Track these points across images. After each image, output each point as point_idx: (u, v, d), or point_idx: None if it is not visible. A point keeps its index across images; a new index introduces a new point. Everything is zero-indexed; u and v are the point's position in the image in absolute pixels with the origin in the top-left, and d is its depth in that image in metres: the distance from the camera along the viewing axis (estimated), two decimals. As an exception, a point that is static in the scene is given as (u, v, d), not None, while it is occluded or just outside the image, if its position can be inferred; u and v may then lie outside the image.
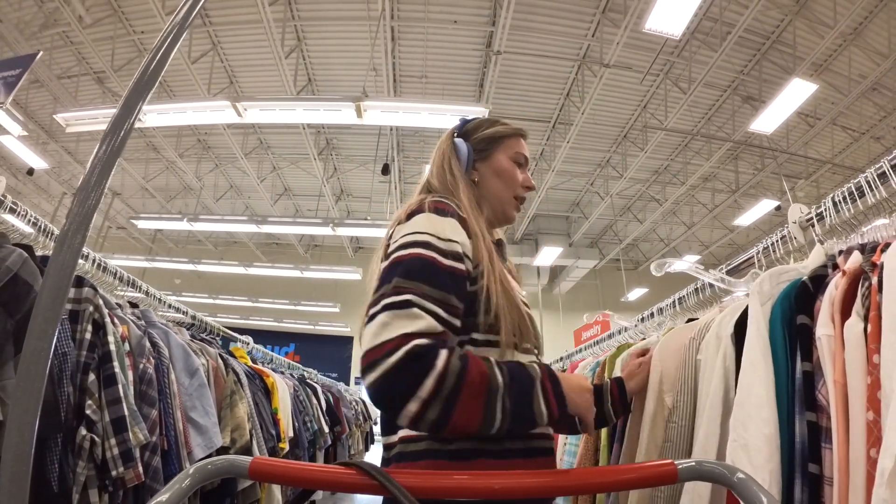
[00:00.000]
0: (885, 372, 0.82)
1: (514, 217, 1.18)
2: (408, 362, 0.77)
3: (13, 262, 1.36)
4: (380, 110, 5.27)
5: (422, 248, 0.87)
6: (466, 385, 0.78)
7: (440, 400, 0.77)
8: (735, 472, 0.72)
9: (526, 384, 0.84)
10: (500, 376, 0.81)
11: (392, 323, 0.80)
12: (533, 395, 0.84)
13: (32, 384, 0.68)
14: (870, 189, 1.17)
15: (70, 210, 0.75)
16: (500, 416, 0.81)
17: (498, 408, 0.80)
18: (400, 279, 0.84)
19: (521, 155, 1.17)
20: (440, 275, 0.86)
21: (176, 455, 1.86)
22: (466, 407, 0.79)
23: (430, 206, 0.95)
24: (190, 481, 0.71)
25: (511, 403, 0.81)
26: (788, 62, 6.98)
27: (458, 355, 0.81)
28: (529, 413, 0.84)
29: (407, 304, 0.81)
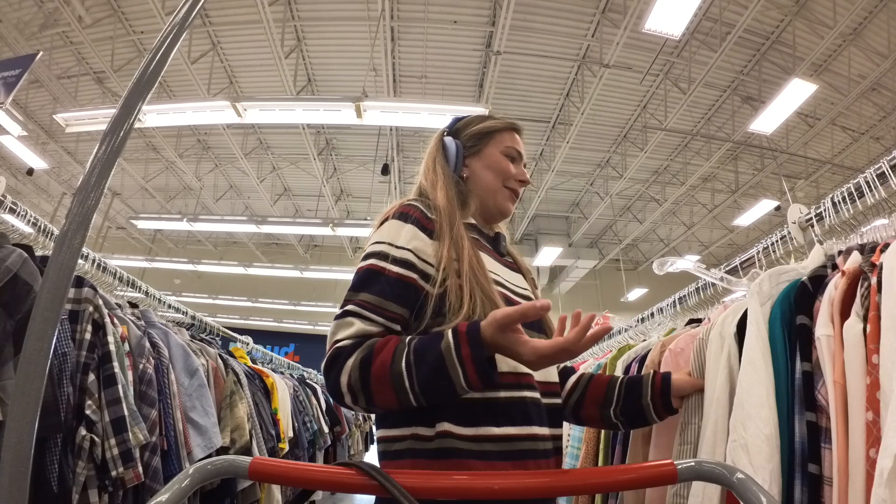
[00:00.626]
0: (884, 372, 0.82)
1: (509, 209, 1.17)
2: (328, 366, 0.88)
3: (13, 263, 1.36)
4: (379, 110, 5.27)
5: (374, 259, 0.95)
6: (372, 376, 0.84)
7: (358, 392, 0.85)
8: (734, 472, 0.73)
9: (434, 357, 0.82)
10: (403, 361, 0.83)
11: (333, 332, 0.91)
12: (446, 369, 0.82)
13: (32, 384, 0.68)
14: (869, 189, 1.17)
15: (69, 210, 0.75)
16: (413, 396, 0.84)
17: (408, 390, 0.83)
18: (349, 292, 0.94)
19: (514, 149, 1.17)
20: (382, 283, 0.92)
21: (176, 455, 1.86)
22: (379, 394, 0.85)
23: (396, 211, 1.00)
24: (189, 481, 0.71)
25: (420, 382, 0.83)
26: (788, 62, 6.98)
27: (366, 347, 0.87)
28: (447, 385, 0.82)
29: (345, 314, 0.91)
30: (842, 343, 0.92)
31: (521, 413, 0.94)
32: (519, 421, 0.93)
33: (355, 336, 0.89)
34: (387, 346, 0.86)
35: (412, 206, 1.00)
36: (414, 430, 0.91)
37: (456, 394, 0.84)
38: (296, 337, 14.43)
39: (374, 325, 0.90)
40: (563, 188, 10.84)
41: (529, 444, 0.93)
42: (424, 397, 0.84)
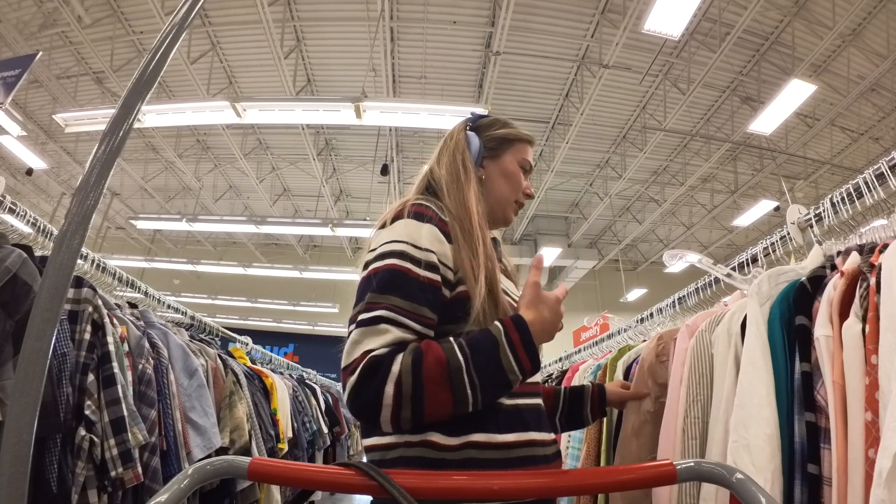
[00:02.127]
0: (883, 373, 0.82)
1: (512, 220, 1.17)
2: (366, 376, 0.80)
3: (12, 263, 1.36)
4: (379, 111, 5.27)
5: (396, 259, 0.87)
6: (426, 378, 0.79)
7: (406, 400, 0.79)
8: (734, 472, 0.73)
9: (488, 349, 0.82)
10: (459, 355, 0.81)
11: (361, 341, 0.83)
12: (500, 357, 0.82)
13: (31, 384, 0.68)
14: (868, 190, 1.17)
15: (69, 210, 0.75)
16: (471, 392, 0.80)
17: (466, 385, 0.80)
18: (373, 294, 0.86)
19: (528, 161, 1.17)
20: (413, 287, 0.86)
21: (175, 455, 1.86)
22: (434, 397, 0.79)
23: (409, 210, 0.94)
24: (189, 482, 0.71)
25: (478, 376, 0.81)
26: (787, 63, 6.98)
27: (412, 350, 0.81)
28: (502, 376, 0.82)
29: (376, 320, 0.83)
30: (841, 343, 0.92)
31: (519, 420, 0.91)
32: (517, 428, 0.90)
33: (392, 344, 0.82)
34: (433, 346, 0.82)
35: (426, 206, 0.95)
36: (406, 438, 0.86)
37: (510, 384, 0.83)
38: (295, 337, 14.42)
39: (411, 332, 0.84)
40: (562, 188, 10.84)
41: (533, 451, 0.90)
42: (482, 392, 0.81)
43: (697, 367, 1.24)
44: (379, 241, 0.92)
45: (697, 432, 1.18)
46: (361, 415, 0.83)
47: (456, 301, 0.90)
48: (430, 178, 1.09)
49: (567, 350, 3.48)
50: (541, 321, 0.86)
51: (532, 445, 0.91)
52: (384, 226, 0.95)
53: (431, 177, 1.09)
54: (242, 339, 3.77)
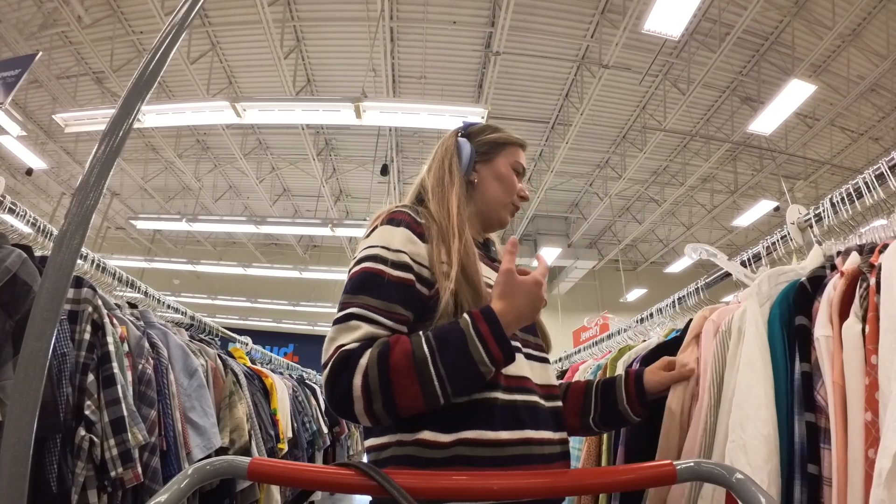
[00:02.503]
0: (882, 373, 0.82)
1: (508, 222, 1.19)
2: (336, 370, 0.82)
3: (12, 263, 1.36)
4: (379, 111, 5.27)
5: (369, 262, 0.92)
6: (392, 370, 0.80)
7: (375, 392, 0.80)
8: (733, 472, 0.73)
9: (457, 341, 0.83)
10: (425, 346, 0.82)
11: (335, 337, 0.86)
12: (469, 349, 0.82)
13: (31, 384, 0.68)
14: (868, 190, 1.17)
15: (68, 210, 0.75)
16: (439, 384, 0.81)
17: (433, 377, 0.81)
18: (346, 295, 0.90)
19: (520, 164, 1.19)
20: (384, 285, 0.89)
21: (175, 456, 1.86)
22: (403, 389, 0.80)
23: (385, 218, 0.99)
24: (189, 482, 0.71)
25: (445, 368, 0.81)
26: (787, 63, 6.99)
27: (379, 344, 0.83)
28: (472, 368, 0.83)
29: (348, 317, 0.87)
30: (841, 343, 0.92)
31: (514, 418, 0.90)
32: (512, 425, 0.89)
33: (363, 339, 0.84)
34: (401, 340, 0.83)
35: (400, 211, 1.00)
36: (399, 437, 0.87)
37: (482, 375, 0.83)
38: (295, 337, 14.42)
39: (382, 327, 0.86)
40: (562, 189, 10.84)
41: (527, 449, 0.89)
42: (451, 384, 0.81)
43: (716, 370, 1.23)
44: (359, 249, 0.97)
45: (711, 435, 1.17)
46: (338, 409, 0.83)
47: (435, 298, 0.92)
48: (420, 186, 1.14)
49: (567, 350, 3.48)
50: (514, 309, 0.87)
51: (528, 444, 0.90)
52: (368, 236, 0.99)
53: (421, 185, 1.13)
54: (242, 340, 3.77)
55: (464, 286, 0.92)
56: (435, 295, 0.92)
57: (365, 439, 0.96)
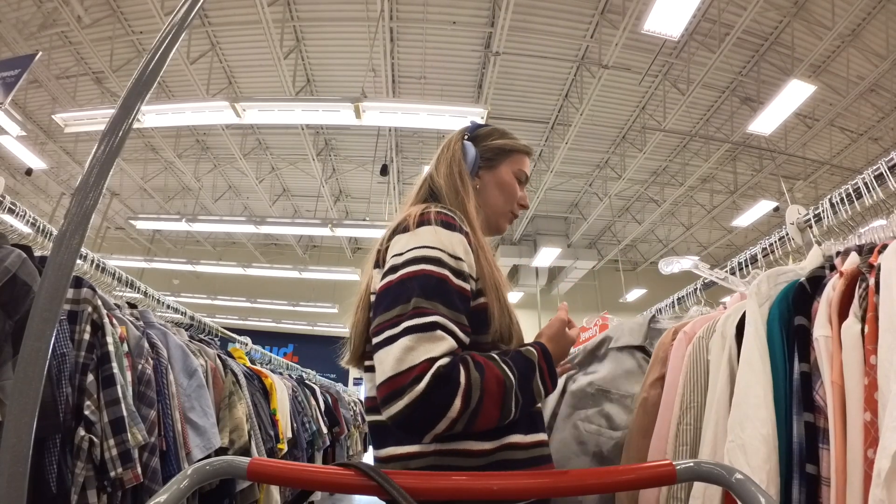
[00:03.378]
0: (882, 373, 0.82)
1: (505, 230, 1.19)
2: (436, 387, 0.78)
3: (12, 263, 1.36)
4: (378, 111, 5.27)
5: (433, 265, 0.86)
6: (487, 394, 0.81)
7: (467, 414, 0.79)
8: (733, 472, 0.73)
9: (528, 373, 0.89)
10: (511, 375, 0.85)
11: (417, 347, 0.79)
12: (534, 381, 0.89)
13: (30, 385, 0.68)
14: (867, 191, 1.17)
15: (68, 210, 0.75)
16: (514, 409, 0.85)
17: (513, 404, 0.85)
18: (419, 299, 0.83)
19: (524, 173, 1.19)
20: (453, 295, 0.86)
21: (174, 456, 1.86)
22: (487, 413, 0.81)
23: (436, 218, 0.93)
24: (188, 482, 0.71)
25: (522, 396, 0.86)
26: (787, 63, 6.99)
27: (474, 366, 0.82)
28: (532, 399, 0.89)
29: (432, 326, 0.81)
30: (840, 344, 0.92)
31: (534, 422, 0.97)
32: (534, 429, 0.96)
33: (450, 354, 0.81)
34: (489, 364, 0.84)
35: (451, 215, 0.95)
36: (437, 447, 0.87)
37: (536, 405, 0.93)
38: (294, 337, 14.42)
39: (457, 341, 0.84)
40: (561, 189, 10.85)
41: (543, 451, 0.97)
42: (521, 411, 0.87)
43: (693, 374, 1.24)
44: (406, 245, 0.90)
45: (689, 438, 1.18)
46: (417, 425, 0.79)
47: (476, 311, 0.92)
48: (430, 185, 1.10)
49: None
50: (557, 353, 0.98)
51: (543, 445, 0.97)
52: (405, 230, 0.93)
53: (433, 187, 1.10)
54: (242, 340, 3.77)
55: (494, 301, 0.93)
56: (478, 309, 0.92)
57: (380, 448, 0.94)
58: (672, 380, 1.29)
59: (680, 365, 1.29)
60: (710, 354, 1.23)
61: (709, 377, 1.21)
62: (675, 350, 1.35)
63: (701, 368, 1.23)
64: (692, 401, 1.21)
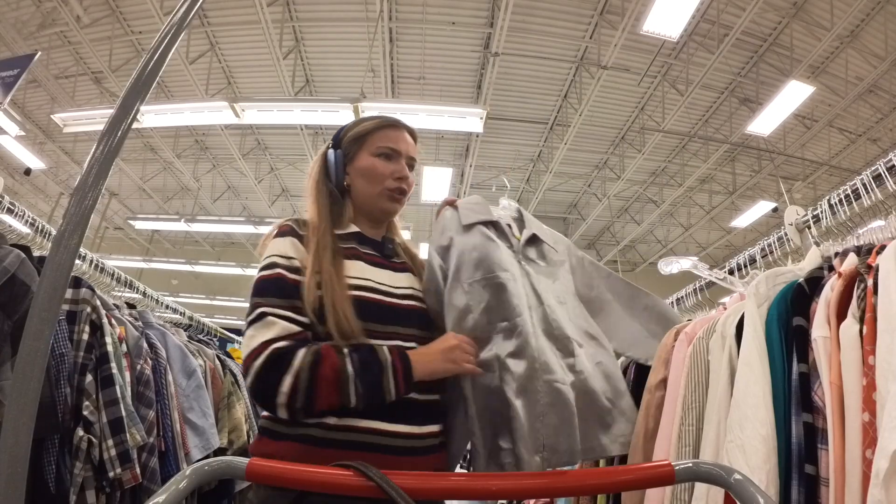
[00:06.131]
0: (880, 373, 0.82)
1: (393, 209, 1.21)
2: (269, 366, 0.94)
3: (10, 263, 1.36)
4: (378, 111, 5.27)
5: (266, 271, 1.04)
6: (321, 378, 0.94)
7: (301, 392, 0.93)
8: (732, 472, 0.73)
9: (373, 367, 0.97)
10: (349, 366, 0.96)
11: (255, 335, 0.97)
12: (383, 379, 0.97)
13: (29, 385, 0.68)
14: (866, 191, 1.17)
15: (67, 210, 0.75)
16: (355, 397, 0.95)
17: (352, 391, 0.95)
18: (254, 298, 1.02)
19: (386, 147, 1.19)
20: (287, 287, 1.02)
21: (173, 456, 1.86)
22: (324, 395, 0.94)
23: (276, 232, 1.11)
24: (187, 482, 0.71)
25: (363, 387, 0.96)
26: (785, 64, 6.99)
27: (312, 352, 0.96)
28: (380, 394, 0.97)
29: (261, 315, 0.98)
30: (838, 344, 0.92)
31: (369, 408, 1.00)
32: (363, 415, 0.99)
33: (284, 335, 0.97)
34: (330, 353, 0.96)
35: (287, 224, 1.12)
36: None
37: (385, 400, 0.98)
38: (293, 338, 14.39)
39: (295, 322, 0.99)
40: (560, 189, 10.84)
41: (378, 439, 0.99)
42: (363, 400, 0.96)
43: (694, 375, 1.24)
44: (261, 260, 1.09)
45: (692, 439, 1.18)
46: (259, 397, 0.97)
47: (319, 303, 1.02)
48: None
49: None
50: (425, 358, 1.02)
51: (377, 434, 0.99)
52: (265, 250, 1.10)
53: None
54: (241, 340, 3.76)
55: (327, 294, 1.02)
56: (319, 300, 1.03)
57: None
58: (674, 381, 1.29)
59: (681, 366, 1.29)
60: (710, 355, 1.23)
61: (709, 377, 1.21)
62: (677, 351, 1.35)
63: (701, 369, 1.23)
64: (693, 401, 1.21)
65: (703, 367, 1.23)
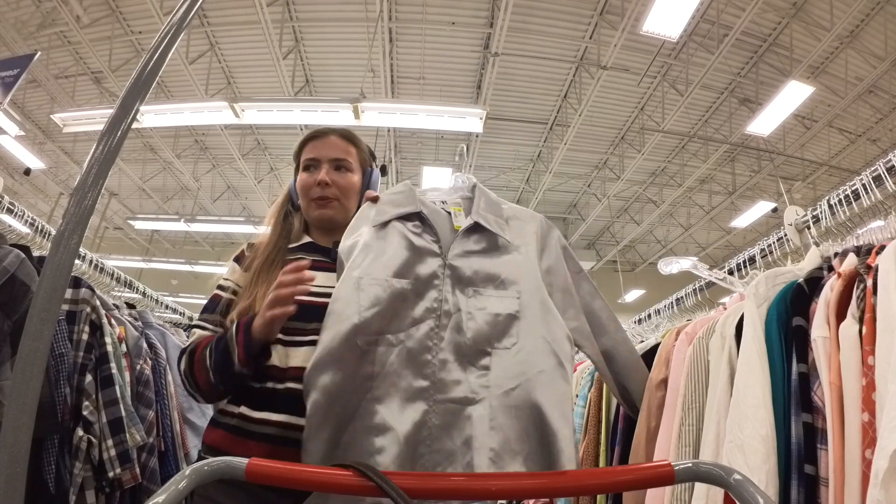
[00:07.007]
0: (879, 374, 0.83)
1: (320, 216, 1.28)
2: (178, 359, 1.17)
3: (10, 263, 1.36)
4: (377, 112, 5.27)
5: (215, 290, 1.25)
6: (195, 361, 1.11)
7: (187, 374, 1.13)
8: (732, 473, 0.73)
9: (223, 344, 1.07)
10: (210, 348, 1.09)
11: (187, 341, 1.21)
12: (229, 350, 1.06)
13: (28, 385, 0.68)
14: (865, 192, 1.18)
15: (66, 210, 0.75)
16: (212, 373, 1.07)
17: (209, 366, 1.07)
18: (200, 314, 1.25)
19: (308, 159, 1.28)
20: (218, 303, 1.21)
21: (173, 456, 1.86)
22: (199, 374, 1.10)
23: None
24: (186, 483, 0.71)
25: (213, 362, 1.07)
26: (785, 64, 7.00)
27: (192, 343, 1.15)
28: (226, 361, 1.06)
29: (194, 327, 1.22)
30: (838, 344, 0.92)
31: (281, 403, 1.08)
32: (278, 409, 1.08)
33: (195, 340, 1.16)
34: (206, 341, 1.12)
35: (242, 250, 1.30)
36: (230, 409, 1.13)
37: (234, 371, 1.05)
38: (293, 338, 14.39)
39: (210, 332, 1.17)
40: (560, 189, 10.84)
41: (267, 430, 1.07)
42: (219, 374, 1.07)
43: (694, 375, 1.24)
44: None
45: (692, 439, 1.18)
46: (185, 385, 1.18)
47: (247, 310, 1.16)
48: None
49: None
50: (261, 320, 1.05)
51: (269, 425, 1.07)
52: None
53: None
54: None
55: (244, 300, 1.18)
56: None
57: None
58: (674, 381, 1.30)
59: (682, 366, 1.30)
60: (710, 355, 1.23)
61: (709, 378, 1.21)
62: (677, 351, 1.35)
63: (701, 369, 1.23)
64: (693, 401, 1.21)
65: (702, 367, 1.23)
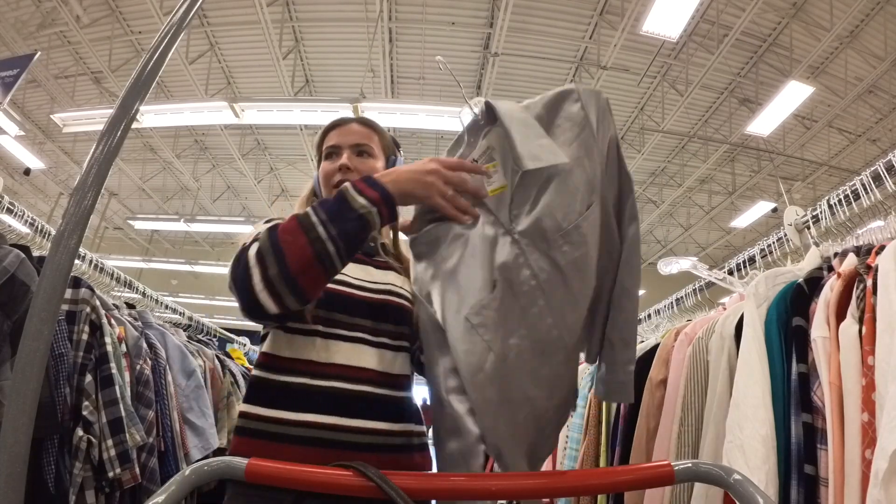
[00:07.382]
0: (879, 374, 0.83)
1: None
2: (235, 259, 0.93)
3: (10, 263, 1.36)
4: (377, 112, 5.27)
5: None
6: (280, 231, 0.86)
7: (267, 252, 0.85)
8: (731, 473, 0.72)
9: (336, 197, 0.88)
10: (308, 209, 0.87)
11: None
12: (347, 199, 0.86)
13: (28, 385, 0.68)
14: (865, 192, 1.17)
15: (66, 210, 0.75)
16: (323, 229, 0.84)
17: (316, 223, 0.84)
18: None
19: (329, 147, 1.21)
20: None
21: (173, 456, 1.86)
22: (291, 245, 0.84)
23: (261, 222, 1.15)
24: (186, 483, 0.71)
25: (325, 212, 0.85)
26: (785, 65, 7.00)
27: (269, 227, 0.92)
28: (349, 209, 0.86)
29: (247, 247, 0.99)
30: (837, 345, 0.92)
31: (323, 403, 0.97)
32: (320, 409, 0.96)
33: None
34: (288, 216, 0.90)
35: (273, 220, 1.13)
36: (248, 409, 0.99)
37: (361, 217, 0.85)
38: (293, 338, 14.38)
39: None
40: (560, 189, 10.83)
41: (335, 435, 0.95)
42: (334, 227, 0.84)
43: (694, 375, 1.24)
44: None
45: (691, 439, 1.18)
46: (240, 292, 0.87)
47: None
48: None
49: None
50: (392, 174, 0.91)
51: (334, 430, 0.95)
52: None
53: None
54: (240, 340, 3.77)
55: None
56: None
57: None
58: (674, 381, 1.30)
59: (681, 366, 1.30)
60: (709, 355, 1.23)
61: (709, 378, 1.21)
62: (677, 351, 1.35)
63: (701, 369, 1.23)
64: (693, 402, 1.21)
65: (702, 368, 1.23)
